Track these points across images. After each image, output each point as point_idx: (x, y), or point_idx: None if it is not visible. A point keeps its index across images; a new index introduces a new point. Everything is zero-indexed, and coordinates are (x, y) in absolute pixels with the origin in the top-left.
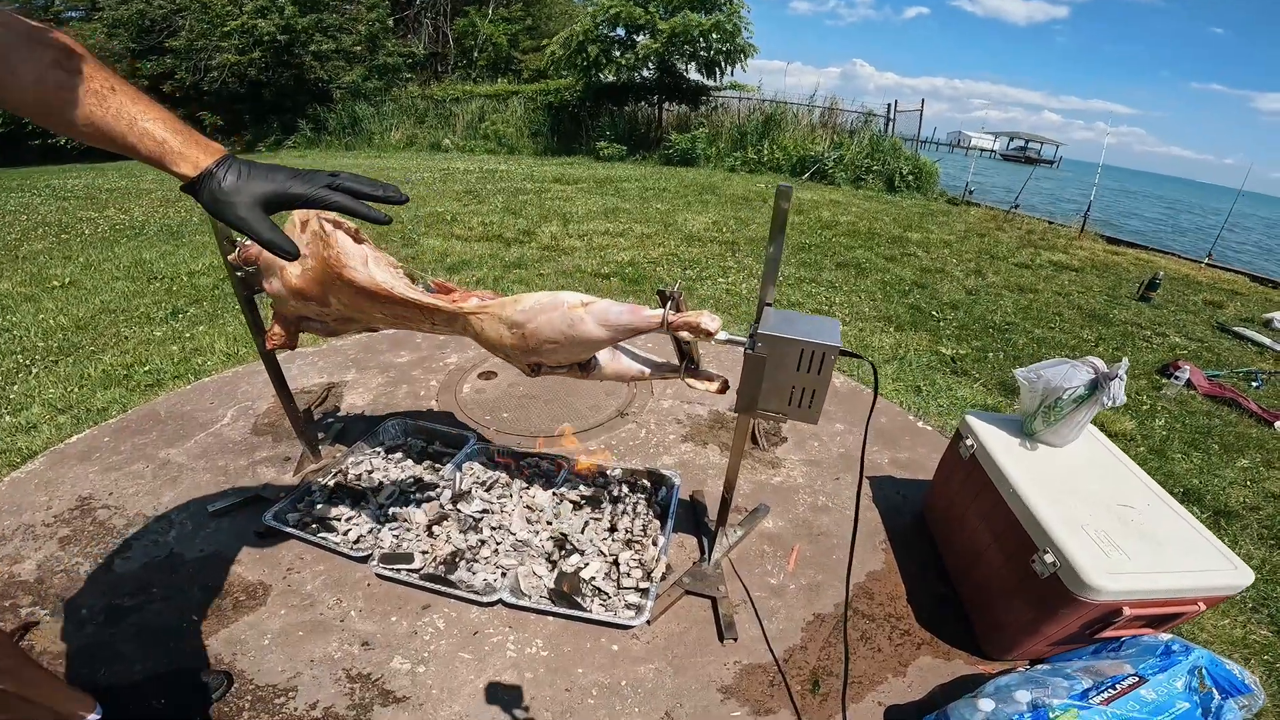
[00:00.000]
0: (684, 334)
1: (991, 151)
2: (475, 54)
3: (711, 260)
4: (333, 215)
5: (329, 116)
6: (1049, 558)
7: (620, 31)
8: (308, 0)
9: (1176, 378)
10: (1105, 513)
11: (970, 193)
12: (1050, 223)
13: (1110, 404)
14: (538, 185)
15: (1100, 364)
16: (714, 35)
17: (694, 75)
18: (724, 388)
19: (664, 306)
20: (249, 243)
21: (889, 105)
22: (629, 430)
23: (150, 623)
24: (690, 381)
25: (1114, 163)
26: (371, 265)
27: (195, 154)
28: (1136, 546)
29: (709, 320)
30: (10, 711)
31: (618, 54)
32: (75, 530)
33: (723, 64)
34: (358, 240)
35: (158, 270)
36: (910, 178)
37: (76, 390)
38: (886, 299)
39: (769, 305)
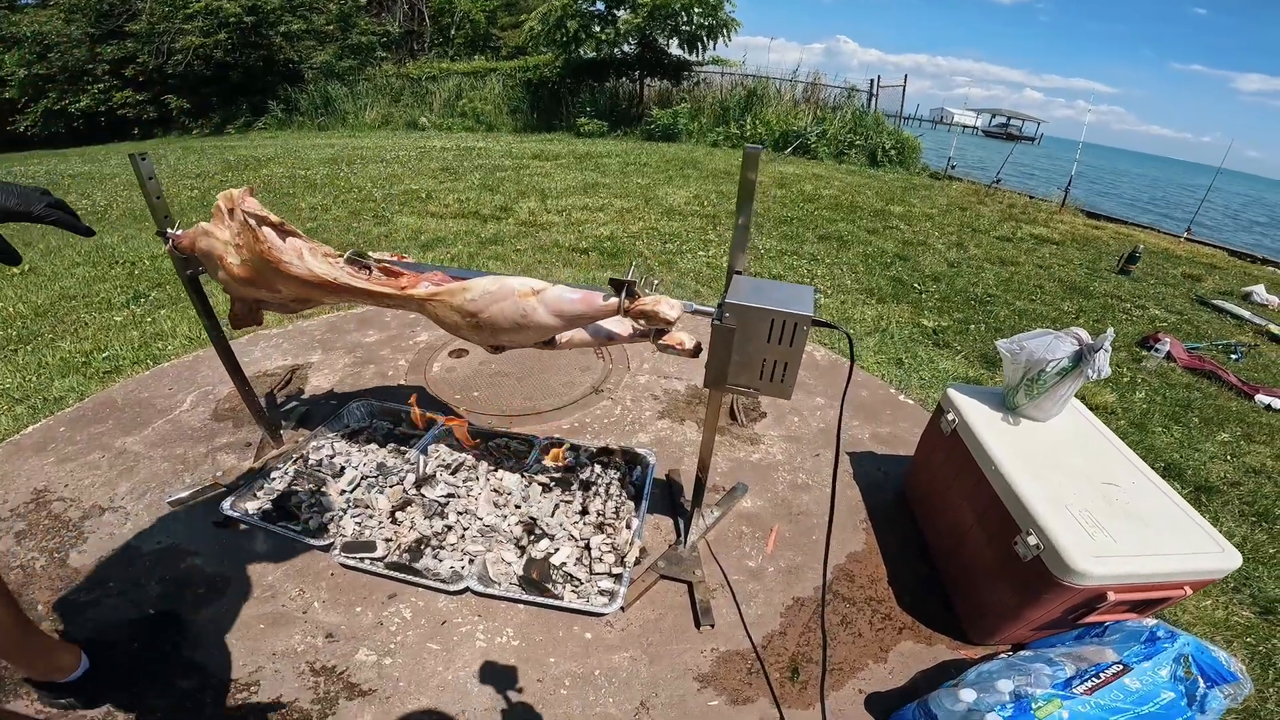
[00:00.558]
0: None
1: (974, 128)
2: (452, 31)
3: (692, 234)
4: (255, 209)
5: (300, 98)
6: (1032, 540)
7: (600, 6)
8: None
9: (1156, 350)
10: (1089, 490)
11: (952, 167)
12: (1031, 197)
13: (1095, 376)
14: (516, 162)
15: (1085, 335)
16: (696, 9)
17: (676, 50)
18: (697, 350)
19: (619, 295)
20: (180, 232)
21: (872, 81)
22: (604, 407)
23: (106, 618)
24: (662, 343)
25: (1095, 140)
26: (308, 258)
27: None
28: (1122, 527)
29: (668, 308)
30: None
31: (598, 29)
32: (30, 524)
33: (705, 39)
34: (285, 234)
35: (119, 255)
36: (893, 152)
37: (34, 379)
38: (868, 271)
39: (739, 273)
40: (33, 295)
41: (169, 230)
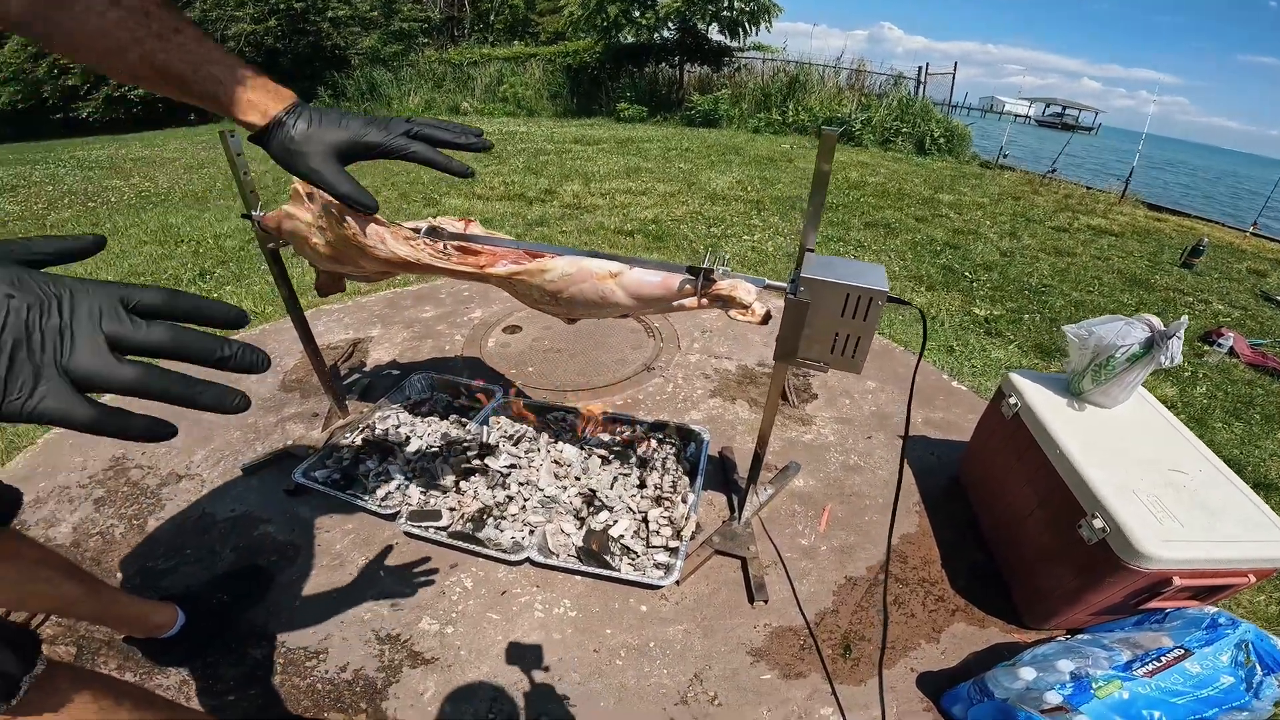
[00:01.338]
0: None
1: (1026, 117)
2: (492, 17)
3: (736, 218)
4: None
5: (347, 83)
6: (1098, 523)
7: None
8: None
9: (1219, 345)
10: (1156, 477)
11: (1005, 157)
12: (1089, 188)
13: (1168, 363)
14: (558, 146)
15: (1156, 321)
16: None
17: (716, 36)
18: (767, 318)
19: (696, 279)
20: (265, 214)
21: (920, 68)
22: (656, 385)
23: (183, 585)
24: (733, 314)
25: (1157, 131)
26: (390, 242)
27: (265, 101)
28: (1189, 513)
29: (745, 293)
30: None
31: (637, 14)
32: (110, 491)
33: (746, 24)
34: (367, 220)
35: (184, 234)
36: (941, 140)
37: None
38: (917, 259)
39: (810, 250)
40: (103, 272)
41: (254, 213)
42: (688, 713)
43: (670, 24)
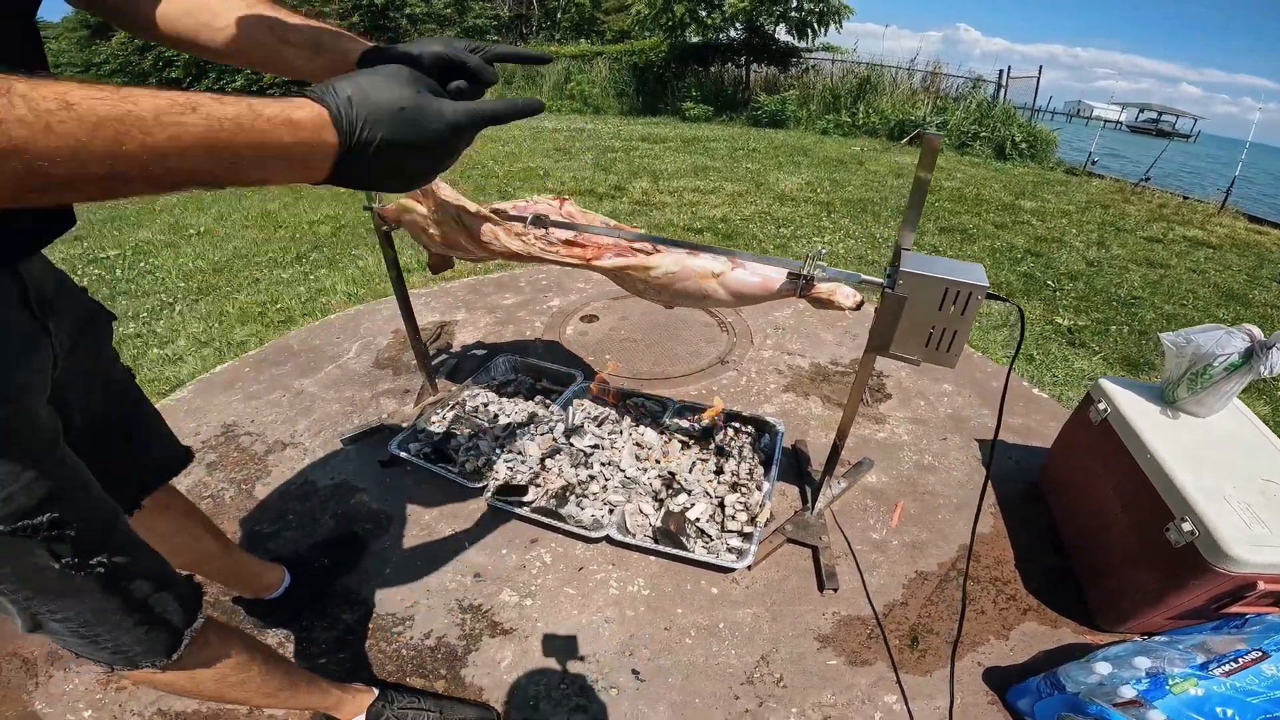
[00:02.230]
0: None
1: (1117, 123)
2: (559, 15)
3: (806, 220)
4: (451, 197)
5: None
6: (1186, 526)
7: None
8: None
9: None
10: (1249, 486)
11: (1093, 163)
12: (1185, 198)
13: (1268, 374)
14: (625, 143)
15: (1257, 332)
16: None
17: (784, 36)
18: (859, 305)
19: (796, 284)
20: (384, 206)
21: (1001, 71)
22: (729, 378)
23: (285, 550)
24: (826, 299)
25: (1264, 140)
26: (503, 239)
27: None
28: (1278, 521)
29: (844, 298)
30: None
31: (704, 14)
32: (221, 456)
33: (815, 25)
34: (478, 218)
35: (281, 220)
36: (1023, 145)
37: (217, 326)
38: (996, 266)
39: (907, 250)
40: (210, 254)
41: (374, 205)
42: (753, 692)
43: (737, 24)
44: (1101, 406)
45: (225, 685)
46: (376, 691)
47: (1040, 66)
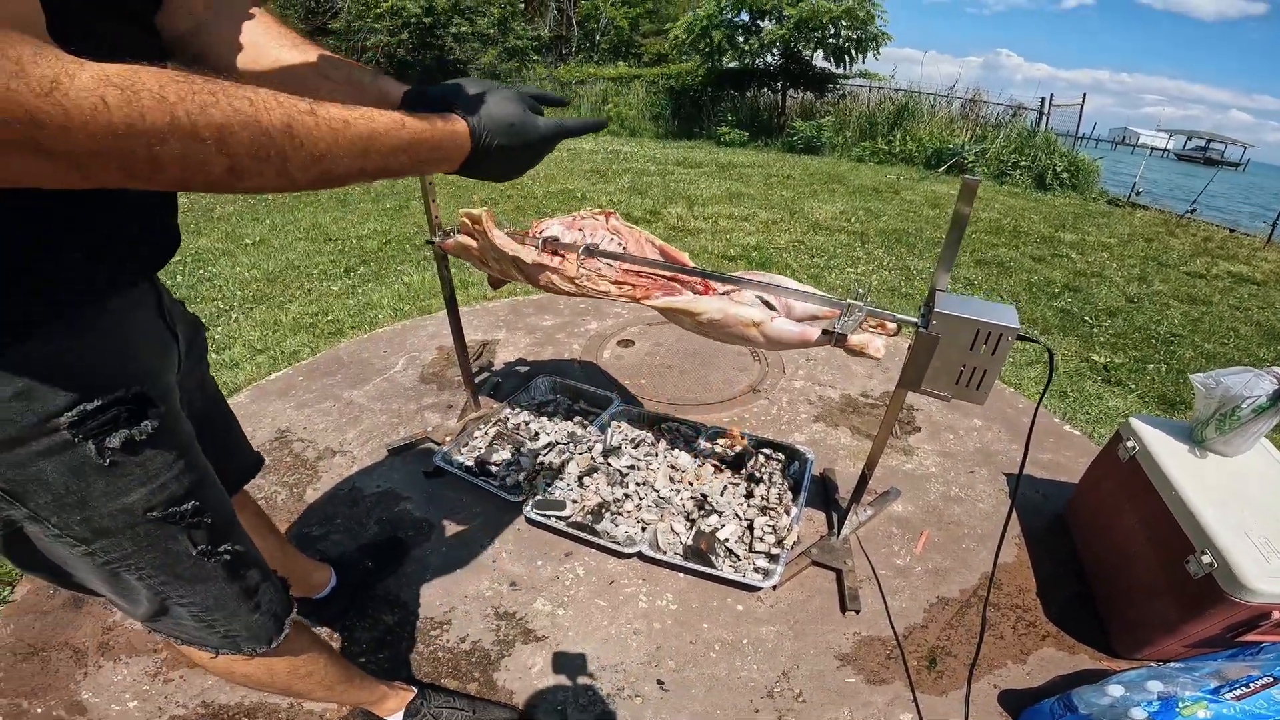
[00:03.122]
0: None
1: (1164, 151)
2: (597, 37)
3: (840, 250)
4: (506, 245)
5: None
6: (1206, 558)
7: (745, 16)
8: None
9: None
10: (1271, 522)
11: (1137, 194)
12: (1231, 230)
13: None
14: (661, 167)
15: None
16: (844, 22)
17: (820, 63)
18: (898, 329)
19: (830, 338)
20: (443, 240)
21: (1043, 99)
22: (761, 406)
23: (330, 553)
24: (859, 350)
25: None
26: (557, 282)
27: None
28: None
29: (875, 351)
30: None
31: (741, 39)
32: (274, 460)
33: (853, 52)
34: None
35: (331, 233)
36: (1065, 175)
37: (271, 334)
38: (1032, 300)
39: (941, 291)
40: (265, 263)
41: (434, 239)
42: (773, 706)
43: (774, 50)
44: (1130, 444)
45: (295, 676)
46: (415, 690)
47: (1084, 94)
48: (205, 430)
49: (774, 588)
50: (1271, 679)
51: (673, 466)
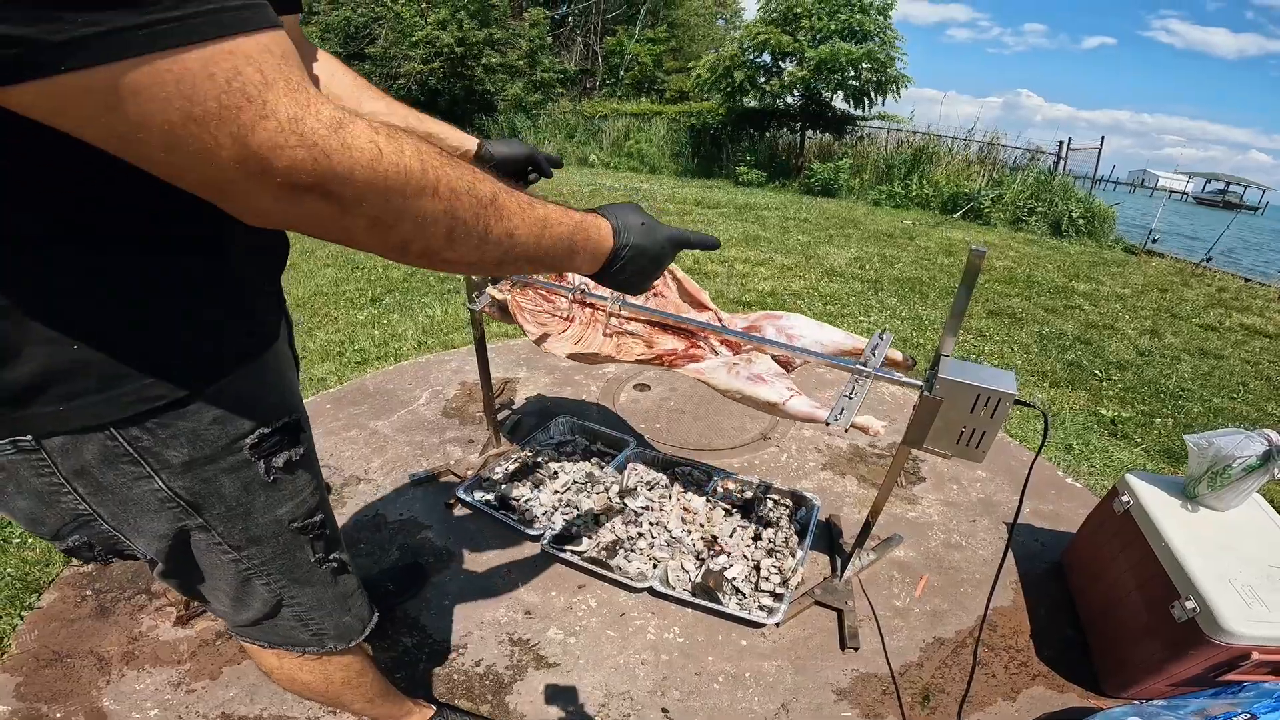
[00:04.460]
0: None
1: (1183, 194)
2: (622, 72)
3: (853, 298)
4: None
5: (491, 127)
6: (1190, 604)
7: (766, 58)
8: (480, 15)
9: None
10: (1256, 571)
11: (1154, 241)
12: (1246, 280)
13: None
14: (679, 207)
15: (1276, 437)
16: (864, 65)
17: (840, 104)
18: (911, 363)
19: (836, 423)
20: (479, 306)
21: (1061, 143)
22: (770, 453)
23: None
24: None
25: None
26: (593, 347)
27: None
28: (1279, 600)
29: (875, 433)
30: None
31: (763, 80)
32: None
33: (872, 94)
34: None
35: (359, 262)
36: (1080, 222)
37: (300, 360)
38: (1043, 353)
39: (946, 356)
40: (294, 289)
41: (473, 306)
42: None
43: (794, 91)
44: (1125, 498)
45: (347, 686)
46: (434, 708)
47: (1102, 137)
48: None
49: (777, 625)
50: (1250, 715)
51: (685, 509)
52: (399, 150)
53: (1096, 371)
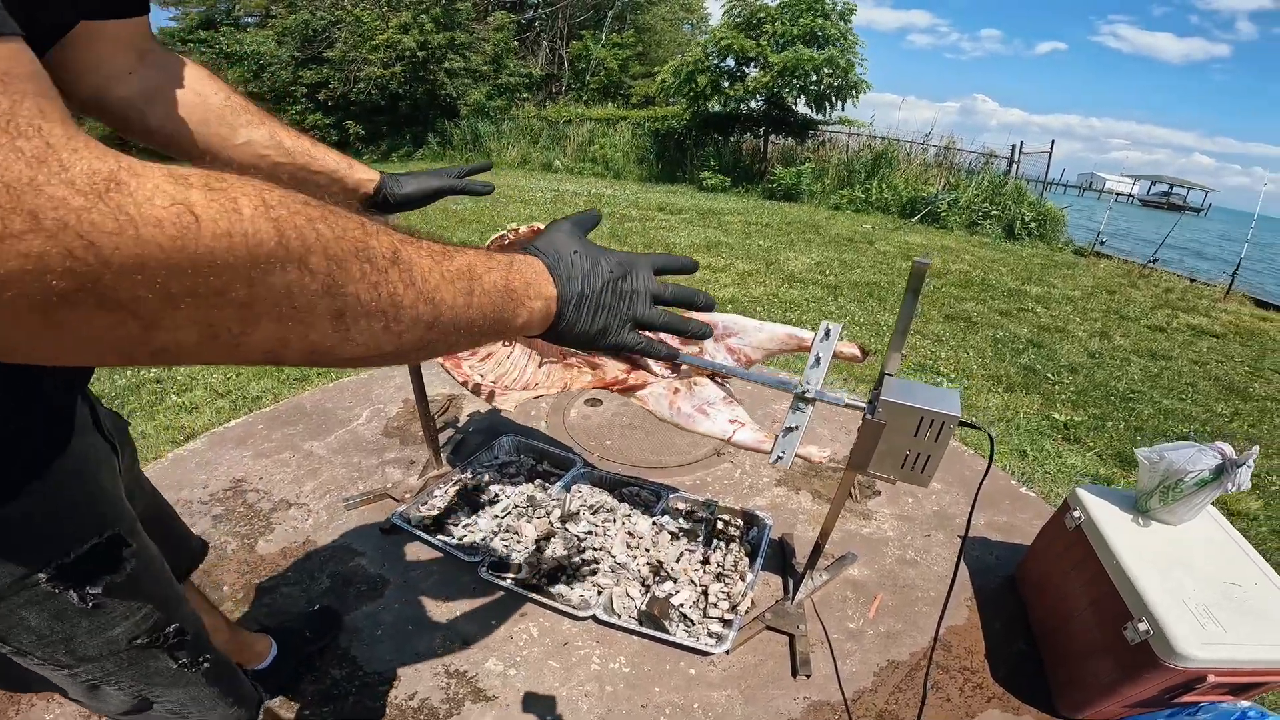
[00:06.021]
0: None
1: (1129, 196)
2: (587, 77)
3: (812, 304)
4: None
5: (454, 132)
6: (1143, 626)
7: (730, 63)
8: (443, 19)
9: None
10: (1210, 589)
11: (1101, 243)
12: (1192, 280)
13: (1234, 490)
14: (642, 213)
15: (1229, 449)
16: (826, 70)
17: (803, 109)
18: (865, 355)
19: (776, 453)
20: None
21: (1013, 147)
22: (724, 469)
23: (282, 606)
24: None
25: (1272, 212)
26: (543, 390)
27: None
28: (1234, 620)
29: (815, 457)
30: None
31: (726, 85)
32: (227, 509)
33: (833, 99)
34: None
35: None
36: (1033, 225)
37: (235, 378)
38: (997, 357)
39: (890, 375)
40: None
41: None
42: None
43: (758, 96)
44: (1076, 514)
45: None
46: None
47: (1053, 141)
48: (153, 528)
49: (726, 652)
50: None
51: (630, 533)
52: (230, 210)
53: (1049, 375)
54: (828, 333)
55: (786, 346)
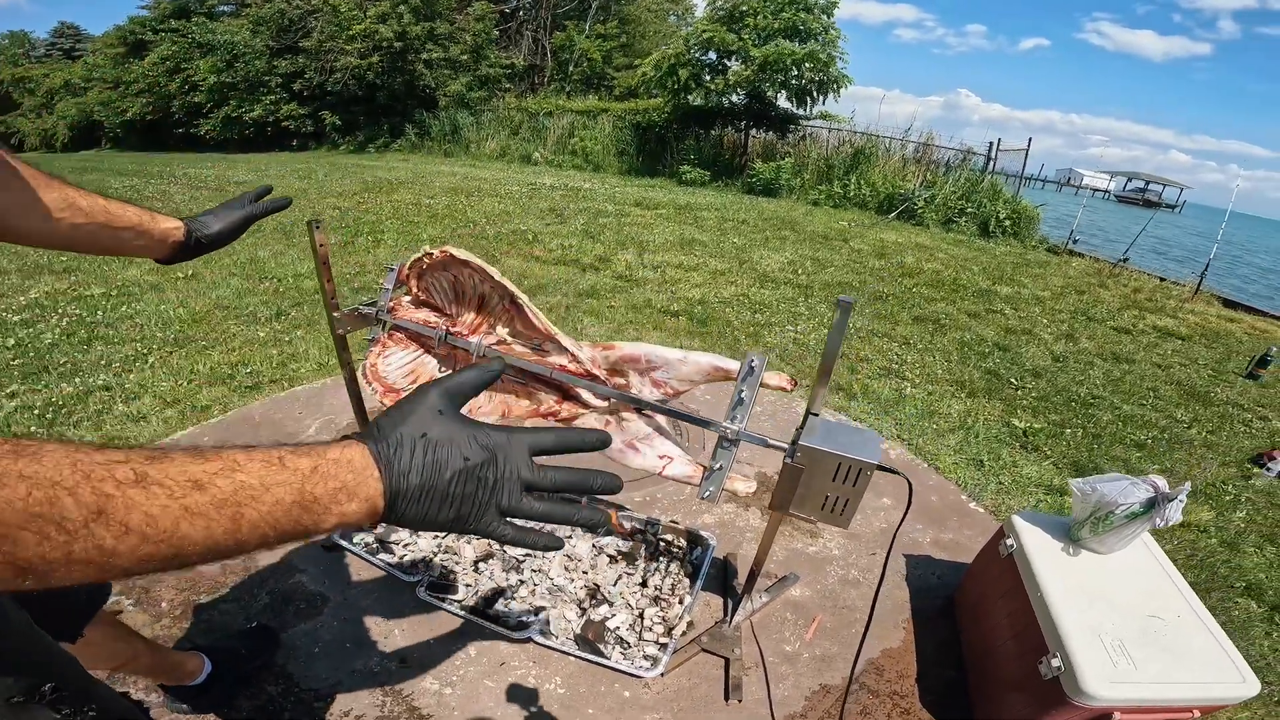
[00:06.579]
0: None
1: (1105, 192)
2: (570, 68)
3: (783, 304)
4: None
5: (432, 123)
6: (1055, 661)
7: (712, 56)
8: (423, 9)
9: (1269, 469)
10: (1130, 622)
11: (1074, 241)
12: (1161, 279)
13: (1163, 524)
14: (619, 208)
15: (1162, 483)
16: (807, 65)
17: (784, 103)
18: (794, 384)
19: (705, 484)
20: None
21: (991, 144)
22: (674, 486)
23: (220, 622)
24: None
25: (1247, 209)
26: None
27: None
28: (1147, 655)
29: (743, 490)
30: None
31: (708, 78)
32: None
33: (814, 93)
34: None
35: (269, 270)
36: (1007, 223)
37: (185, 385)
38: (963, 360)
39: (815, 415)
40: (192, 301)
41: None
42: None
43: (739, 90)
44: (1009, 541)
45: None
46: None
47: (1030, 138)
48: None
49: (661, 675)
50: None
51: (569, 556)
52: None
53: (1012, 380)
54: (752, 368)
55: (713, 378)
